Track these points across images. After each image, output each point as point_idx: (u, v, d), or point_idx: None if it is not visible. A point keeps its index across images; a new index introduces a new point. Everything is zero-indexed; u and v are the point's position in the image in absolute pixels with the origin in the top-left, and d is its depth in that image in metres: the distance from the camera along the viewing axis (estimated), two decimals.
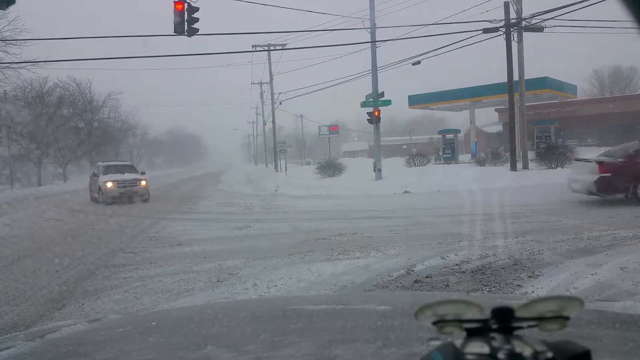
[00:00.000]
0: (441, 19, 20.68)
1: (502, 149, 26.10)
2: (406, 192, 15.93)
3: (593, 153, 25.16)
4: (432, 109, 35.96)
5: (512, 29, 19.65)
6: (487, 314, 0.68)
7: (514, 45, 20.46)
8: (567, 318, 0.68)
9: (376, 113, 20.36)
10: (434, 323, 0.69)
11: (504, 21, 19.49)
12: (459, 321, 0.68)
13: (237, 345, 1.15)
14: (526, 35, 20.72)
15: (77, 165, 50.99)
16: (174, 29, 13.50)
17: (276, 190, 19.11)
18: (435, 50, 22.91)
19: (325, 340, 1.18)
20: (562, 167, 19.88)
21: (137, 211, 14.55)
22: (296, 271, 5.67)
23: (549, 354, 0.62)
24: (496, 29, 19.41)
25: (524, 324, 0.68)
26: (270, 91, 35.06)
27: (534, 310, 0.67)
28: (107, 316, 2.15)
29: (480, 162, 22.94)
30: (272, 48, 27.59)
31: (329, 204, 13.30)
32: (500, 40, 19.73)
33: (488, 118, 47.33)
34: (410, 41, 21.80)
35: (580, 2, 16.52)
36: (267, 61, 35.22)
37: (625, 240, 6.53)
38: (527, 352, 0.63)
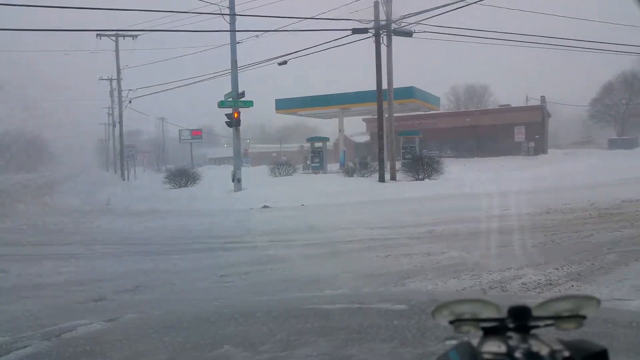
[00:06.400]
0: (310, 16, 18.90)
1: (370, 159, 25.22)
2: (265, 207, 13.59)
3: (453, 164, 25.61)
4: (300, 115, 34.35)
5: (381, 32, 18.54)
6: (503, 313, 0.68)
7: (384, 50, 19.48)
8: (583, 317, 0.68)
9: (235, 115, 17.86)
10: (451, 322, 0.69)
11: (373, 22, 18.31)
12: (476, 320, 0.68)
13: (254, 345, 1.16)
14: (395, 45, 19.84)
15: None
16: None
17: (107, 205, 15.56)
18: (303, 50, 21.20)
19: (341, 340, 1.18)
20: (429, 179, 19.25)
21: None
22: None
23: (566, 353, 0.62)
24: (365, 30, 18.17)
25: (541, 323, 0.68)
26: (118, 88, 30.57)
27: (550, 309, 0.67)
28: (124, 316, 1.80)
29: (349, 172, 21.59)
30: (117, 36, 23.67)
31: (159, 226, 10.35)
32: (372, 49, 18.58)
33: (358, 128, 47.50)
34: (281, 43, 19.85)
35: (448, 5, 15.82)
36: (122, 54, 30.80)
37: None
38: (544, 351, 0.63)
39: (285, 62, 21.78)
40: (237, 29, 17.89)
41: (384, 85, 19.81)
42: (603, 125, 52.97)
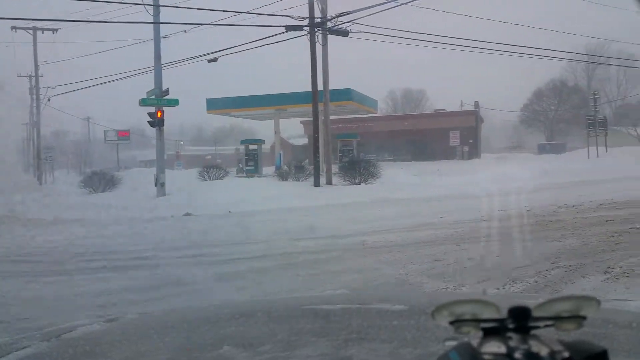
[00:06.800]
0: (242, 11, 17.84)
1: (307, 162, 24.48)
2: (187, 214, 12.41)
3: (390, 168, 25.38)
4: (234, 116, 33.00)
5: (316, 30, 17.81)
6: (503, 314, 0.68)
7: (320, 49, 18.79)
8: (583, 318, 0.68)
9: (158, 114, 16.49)
10: (451, 323, 0.69)
11: (308, 19, 17.55)
12: (476, 321, 0.68)
13: (253, 345, 1.15)
14: (331, 47, 19.22)
15: None
16: None
17: (10, 213, 13.76)
18: (235, 47, 20.19)
19: (342, 340, 1.18)
20: (365, 183, 18.70)
21: None
22: None
23: (566, 354, 0.62)
24: (300, 27, 17.40)
25: (541, 324, 0.68)
26: (36, 85, 28.00)
27: (550, 310, 0.67)
28: (124, 316, 1.79)
29: (283, 176, 20.68)
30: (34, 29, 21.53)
31: (51, 238, 8.80)
32: (308, 48, 17.80)
33: (296, 130, 46.63)
34: (213, 39, 18.64)
35: (384, 4, 15.38)
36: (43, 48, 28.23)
37: None
38: (543, 351, 0.63)
39: (215, 59, 20.61)
40: (161, 22, 16.59)
41: (320, 86, 19.12)
42: (533, 131, 55.09)
